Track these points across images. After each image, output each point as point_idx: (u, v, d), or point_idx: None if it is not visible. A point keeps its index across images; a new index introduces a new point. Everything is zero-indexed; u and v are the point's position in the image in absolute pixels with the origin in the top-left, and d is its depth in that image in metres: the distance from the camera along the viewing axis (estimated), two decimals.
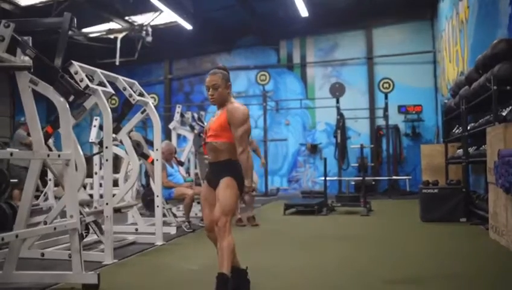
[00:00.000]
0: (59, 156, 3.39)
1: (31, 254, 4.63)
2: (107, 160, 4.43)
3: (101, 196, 6.80)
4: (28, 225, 3.55)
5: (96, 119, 6.18)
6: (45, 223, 4.57)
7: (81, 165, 4.53)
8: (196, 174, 8.90)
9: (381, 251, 4.97)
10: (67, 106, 3.50)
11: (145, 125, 15.26)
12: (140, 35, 12.40)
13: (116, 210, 5.00)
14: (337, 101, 12.73)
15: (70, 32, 11.70)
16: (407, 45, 13.45)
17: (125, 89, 5.23)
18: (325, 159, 8.86)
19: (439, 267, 4.04)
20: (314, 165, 14.37)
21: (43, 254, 4.59)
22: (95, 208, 5.43)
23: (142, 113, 5.57)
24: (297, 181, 14.68)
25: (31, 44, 3.61)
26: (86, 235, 5.08)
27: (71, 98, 4.55)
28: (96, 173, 6.40)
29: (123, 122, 5.54)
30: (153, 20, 12.52)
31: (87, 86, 4.38)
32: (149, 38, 12.38)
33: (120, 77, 5.27)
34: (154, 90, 15.35)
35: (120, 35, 13.17)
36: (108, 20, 12.37)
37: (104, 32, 13.03)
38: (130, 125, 5.64)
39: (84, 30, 12.93)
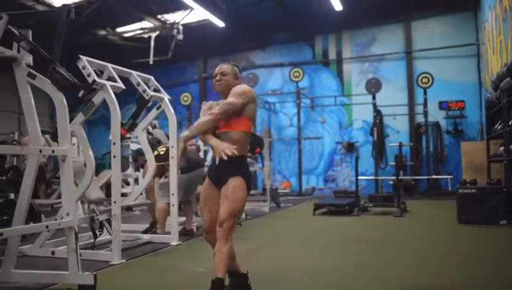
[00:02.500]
0: (53, 151, 3.25)
1: (42, 253, 4.56)
2: (114, 156, 4.29)
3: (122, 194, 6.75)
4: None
5: None
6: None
7: (89, 163, 4.43)
8: None
9: (407, 254, 4.60)
10: (64, 100, 3.36)
11: (180, 125, 15.30)
12: (172, 33, 12.34)
13: (128, 208, 4.86)
14: (374, 98, 12.27)
15: (103, 33, 11.78)
16: (449, 37, 12.79)
17: (139, 84, 5.10)
18: (357, 158, 8.49)
19: (473, 275, 3.65)
20: (351, 164, 13.91)
21: (53, 253, 4.50)
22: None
23: (158, 109, 5.42)
24: (333, 180, 14.28)
25: (30, 37, 3.51)
26: (100, 234, 4.96)
27: (81, 93, 4.50)
28: None
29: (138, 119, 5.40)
30: (183, 18, 12.44)
31: (94, 81, 4.26)
32: (180, 37, 12.32)
33: (134, 72, 5.14)
34: (188, 89, 15.31)
35: (153, 35, 13.19)
36: (140, 20, 12.39)
37: (138, 32, 13.07)
38: (145, 121, 5.51)
39: (118, 30, 13.00)
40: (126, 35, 13.32)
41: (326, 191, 13.87)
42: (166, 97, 5.38)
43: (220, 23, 12.75)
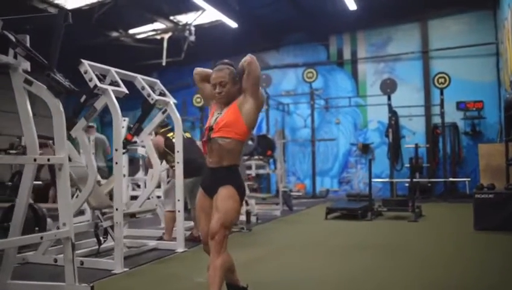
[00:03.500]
0: (48, 160, 3.17)
1: (45, 260, 4.51)
2: (116, 163, 4.20)
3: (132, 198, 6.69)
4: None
5: (124, 120, 6.01)
6: (58, 228, 4.44)
7: (91, 169, 4.35)
8: None
9: (417, 263, 4.43)
10: (61, 106, 3.28)
11: (193, 125, 15.25)
12: (184, 35, 12.27)
13: (131, 215, 4.77)
14: (389, 98, 12.02)
15: (116, 34, 11.74)
16: (467, 36, 12.47)
17: (143, 88, 5.00)
18: (370, 160, 8.33)
19: (489, 285, 3.47)
20: (366, 166, 13.63)
21: (56, 260, 4.43)
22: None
23: (163, 113, 5.33)
24: (348, 183, 14.06)
25: (28, 42, 3.44)
26: (105, 241, 4.89)
27: (83, 98, 4.43)
28: (124, 176, 6.23)
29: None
30: (195, 19, 12.36)
31: (95, 86, 4.18)
32: (192, 38, 12.24)
33: (139, 76, 5.05)
34: None
35: (166, 36, 13.13)
36: (152, 21, 12.35)
37: (150, 33, 13.04)
38: (151, 126, 5.42)
39: (130, 32, 12.99)
40: (139, 36, 13.29)
41: (341, 193, 13.64)
42: (172, 101, 5.28)
43: (233, 24, 12.64)
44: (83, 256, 4.57)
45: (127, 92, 4.51)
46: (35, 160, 3.07)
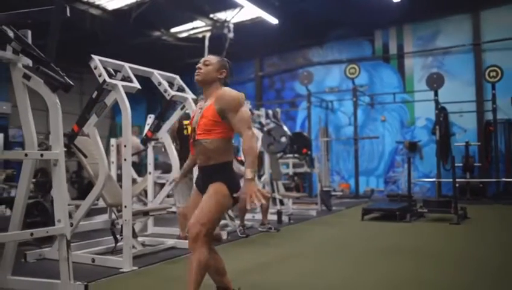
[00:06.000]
0: (41, 155, 3.11)
1: (56, 256, 4.49)
2: (125, 159, 4.12)
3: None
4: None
5: (149, 117, 5.97)
6: (71, 224, 4.43)
7: (102, 165, 4.30)
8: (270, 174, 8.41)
9: (442, 273, 4.05)
10: (58, 101, 3.21)
11: None
12: (223, 32, 12.20)
13: (144, 213, 4.69)
14: (436, 94, 11.41)
15: (158, 33, 11.79)
16: None
17: (160, 84, 4.92)
18: (409, 159, 7.87)
19: None
20: (413, 165, 12.97)
21: None
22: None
23: (182, 109, 5.22)
24: (394, 182, 13.50)
25: (29, 38, 3.41)
26: (122, 239, 4.84)
27: (94, 94, 4.39)
28: (150, 173, 6.19)
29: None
30: (234, 16, 12.25)
31: (104, 81, 4.12)
32: (231, 35, 12.14)
33: (155, 72, 4.97)
34: (243, 89, 15.08)
35: (208, 34, 13.12)
36: (192, 19, 12.35)
37: (191, 32, 13.07)
38: (170, 122, 5.32)
39: (172, 30, 13.07)
40: (180, 35, 13.36)
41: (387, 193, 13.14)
42: (190, 97, 5.17)
43: (273, 20, 12.43)
44: (97, 254, 4.53)
45: (139, 87, 4.43)
46: (26, 155, 3.01)
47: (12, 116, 11.09)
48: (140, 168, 10.42)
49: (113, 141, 7.09)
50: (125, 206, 4.11)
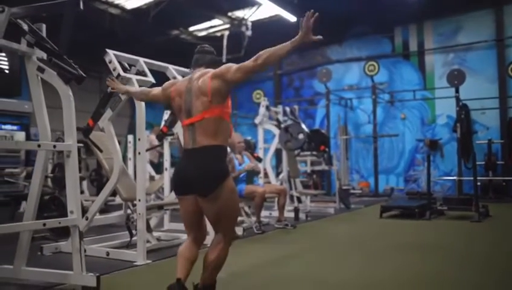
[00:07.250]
0: (54, 147, 3.13)
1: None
2: (139, 153, 4.13)
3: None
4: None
5: (166, 113, 5.99)
6: (86, 218, 4.47)
7: (117, 159, 4.33)
8: (288, 171, 8.37)
9: (460, 271, 3.96)
10: (71, 93, 3.24)
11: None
12: (241, 30, 12.20)
13: (159, 207, 4.70)
14: (457, 91, 11.20)
15: (176, 32, 11.81)
16: None
17: (174, 78, 4.91)
18: (428, 156, 7.73)
19: None
20: (434, 163, 12.78)
21: (84, 250, 4.43)
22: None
23: None
24: (415, 181, 13.31)
25: (44, 31, 3.44)
26: (136, 233, 4.86)
27: (109, 89, 4.41)
28: (166, 169, 6.22)
29: None
30: (252, 14, 12.24)
31: (118, 75, 4.15)
32: (249, 33, 12.12)
33: (170, 66, 4.99)
34: (262, 87, 15.03)
35: (226, 33, 13.13)
36: (210, 18, 12.37)
37: (210, 30, 13.10)
38: None
39: (190, 29, 13.12)
40: (199, 34, 13.40)
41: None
42: None
43: (292, 18, 12.36)
44: (112, 247, 4.56)
45: (153, 81, 4.44)
46: (39, 146, 3.04)
47: (34, 115, 11.27)
48: (159, 166, 10.48)
49: (130, 137, 7.12)
50: (139, 200, 4.12)
